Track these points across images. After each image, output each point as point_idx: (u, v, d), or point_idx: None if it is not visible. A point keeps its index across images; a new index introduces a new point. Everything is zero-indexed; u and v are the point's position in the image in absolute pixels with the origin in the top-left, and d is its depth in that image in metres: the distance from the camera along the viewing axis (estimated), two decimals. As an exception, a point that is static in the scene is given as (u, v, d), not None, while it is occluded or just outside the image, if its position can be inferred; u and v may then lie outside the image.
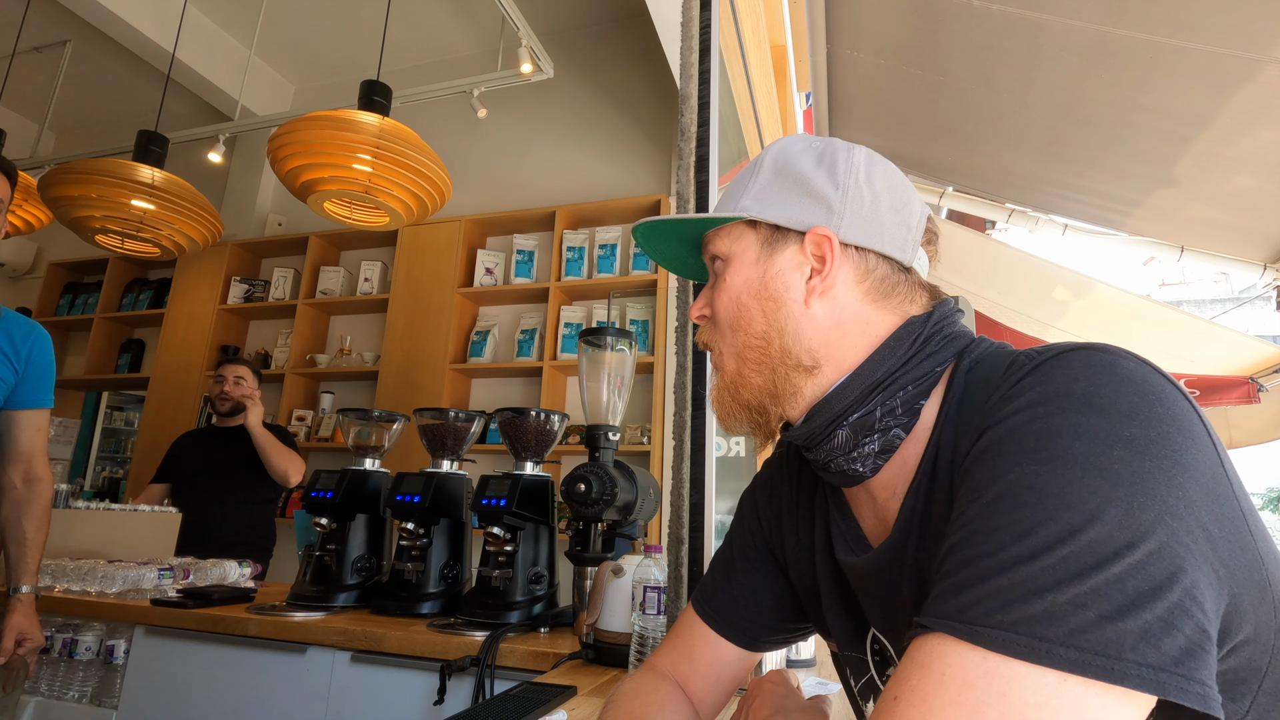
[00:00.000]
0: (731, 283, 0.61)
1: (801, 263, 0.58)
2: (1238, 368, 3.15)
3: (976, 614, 0.37)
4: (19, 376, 1.55)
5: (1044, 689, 0.35)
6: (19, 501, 1.56)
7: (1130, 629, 0.34)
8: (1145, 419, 0.40)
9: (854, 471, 0.57)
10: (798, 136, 0.64)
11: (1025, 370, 0.46)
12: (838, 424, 0.56)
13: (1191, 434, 0.40)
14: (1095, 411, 0.40)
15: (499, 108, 3.72)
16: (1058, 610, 0.35)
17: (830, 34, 2.73)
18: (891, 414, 0.55)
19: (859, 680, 0.65)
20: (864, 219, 0.58)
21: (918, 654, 0.39)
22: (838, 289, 0.58)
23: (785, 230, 0.59)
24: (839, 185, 0.58)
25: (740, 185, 0.63)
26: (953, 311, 0.59)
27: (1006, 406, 0.45)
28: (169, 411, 3.89)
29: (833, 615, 0.65)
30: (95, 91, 4.52)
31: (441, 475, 1.70)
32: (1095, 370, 0.43)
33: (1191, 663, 0.35)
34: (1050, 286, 3.35)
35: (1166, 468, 0.38)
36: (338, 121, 2.04)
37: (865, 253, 0.58)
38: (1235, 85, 2.07)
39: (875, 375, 0.55)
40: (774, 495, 0.72)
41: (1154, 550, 0.36)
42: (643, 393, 3.20)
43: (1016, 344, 0.53)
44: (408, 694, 1.39)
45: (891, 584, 0.55)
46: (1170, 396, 0.41)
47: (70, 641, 1.67)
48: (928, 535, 0.52)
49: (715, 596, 0.73)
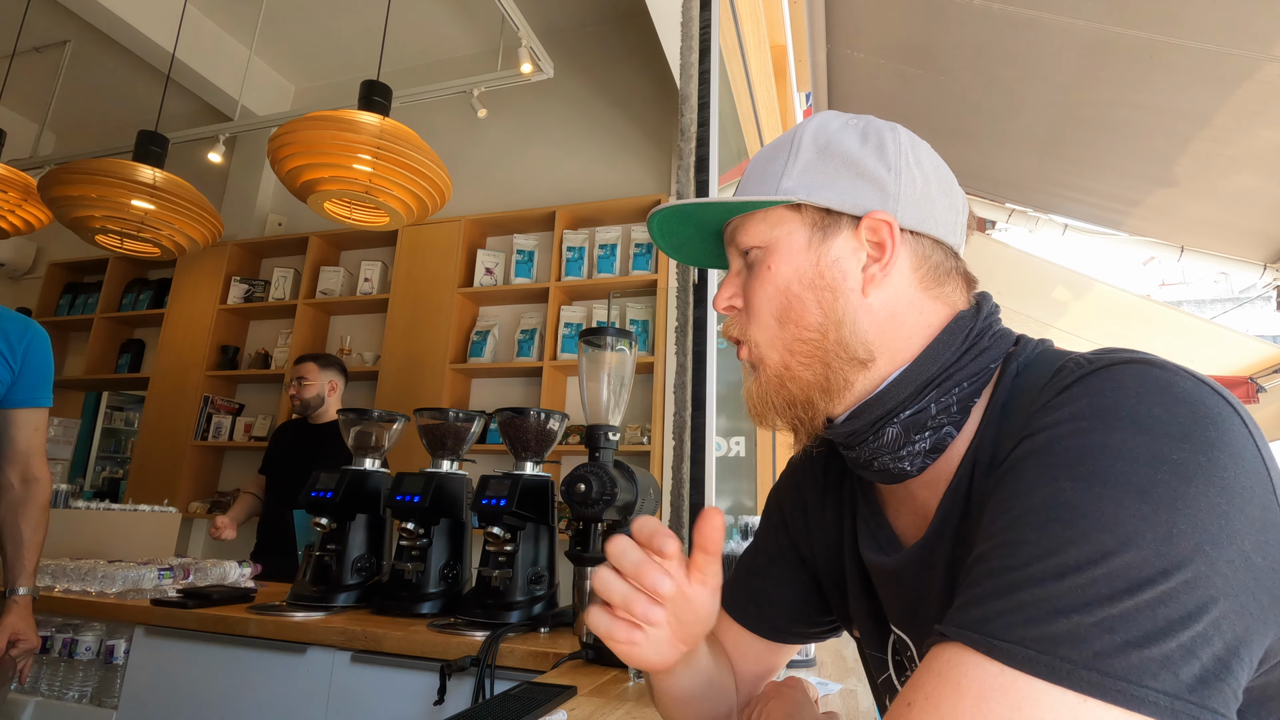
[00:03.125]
0: (779, 271, 0.56)
1: (857, 249, 0.55)
2: (1238, 368, 3.16)
3: (998, 627, 0.37)
4: (15, 375, 1.54)
5: (1061, 709, 0.34)
6: (16, 502, 1.55)
7: (1154, 656, 0.34)
8: (1196, 443, 0.38)
9: (899, 470, 0.55)
10: (832, 114, 0.60)
11: (1072, 379, 0.44)
12: (888, 421, 0.54)
13: (1242, 459, 0.38)
14: (1143, 431, 0.39)
15: (499, 108, 3.71)
16: (1083, 632, 0.35)
17: (830, 34, 2.73)
18: (946, 411, 0.52)
19: (879, 677, 0.65)
20: (918, 202, 0.55)
21: (935, 662, 0.39)
22: (894, 277, 0.55)
23: (836, 215, 0.55)
24: (890, 166, 0.55)
25: (775, 166, 0.58)
26: (996, 308, 0.57)
27: (1049, 416, 0.43)
28: (169, 411, 3.89)
29: (858, 612, 0.64)
30: (95, 91, 4.51)
31: (441, 475, 1.70)
32: (1147, 386, 0.41)
33: (1206, 691, 0.34)
34: (1050, 286, 3.35)
35: (1212, 495, 0.37)
36: (338, 121, 2.04)
37: (921, 238, 0.56)
38: (1235, 84, 2.07)
39: (930, 371, 0.53)
40: (800, 491, 0.72)
41: (1190, 579, 0.35)
42: (643, 393, 3.20)
43: None
44: (408, 694, 1.39)
45: (920, 584, 0.54)
46: (1225, 420, 0.39)
47: (70, 641, 1.67)
48: (961, 538, 0.51)
49: (738, 588, 0.73)
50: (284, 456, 2.65)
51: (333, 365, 2.68)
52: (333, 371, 2.67)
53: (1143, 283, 11.91)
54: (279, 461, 2.67)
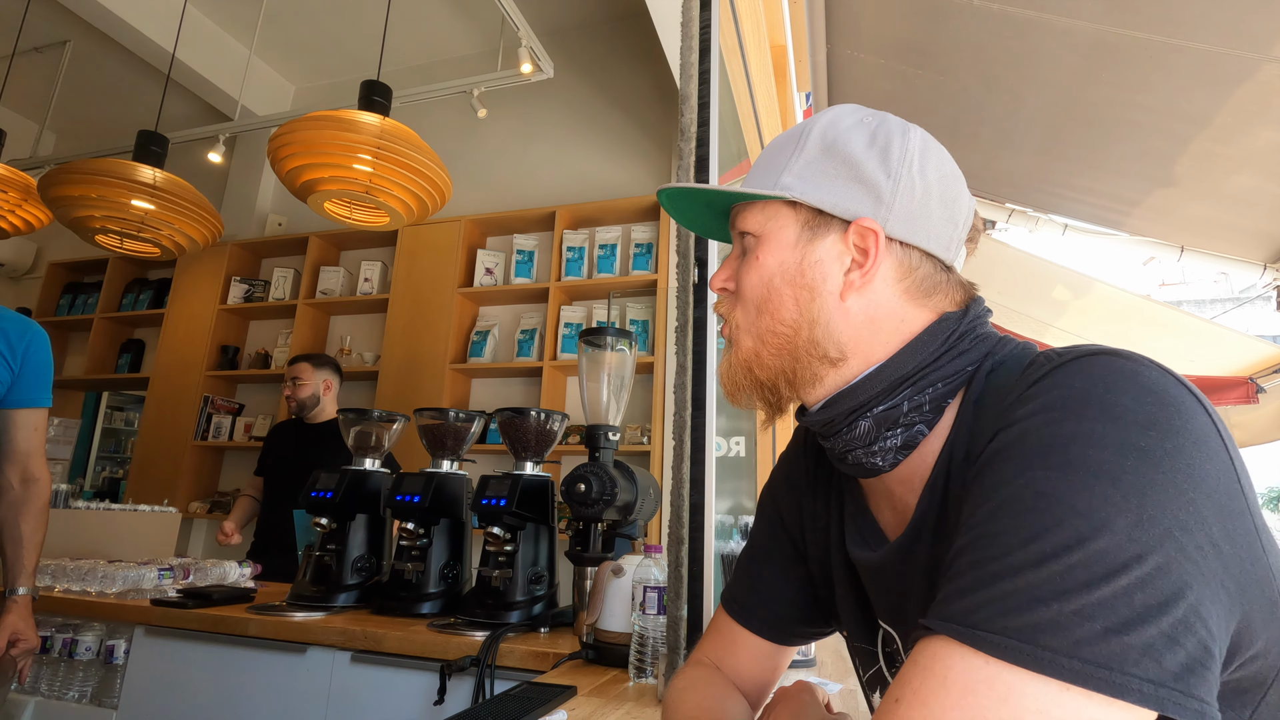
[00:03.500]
0: (765, 262, 0.58)
1: (842, 253, 0.55)
2: (1238, 368, 3.15)
3: (981, 619, 0.37)
4: (15, 375, 1.54)
5: (1045, 698, 0.35)
6: (16, 502, 1.55)
7: (1134, 644, 0.34)
8: (1162, 430, 0.39)
9: (872, 464, 0.55)
10: (850, 108, 0.59)
11: (1043, 372, 0.45)
12: (860, 414, 0.55)
13: (1208, 447, 0.39)
14: (1111, 419, 0.40)
15: (499, 108, 3.71)
16: (1063, 620, 0.35)
17: (830, 34, 2.73)
18: (918, 410, 0.53)
19: (868, 671, 0.65)
20: (913, 213, 0.55)
21: (921, 656, 0.39)
22: (876, 284, 0.55)
23: (828, 215, 0.56)
24: (890, 173, 0.55)
25: (781, 158, 0.59)
26: (985, 311, 0.57)
27: (1021, 409, 0.44)
28: (169, 411, 3.89)
29: (845, 606, 0.64)
30: (95, 91, 4.51)
31: (441, 475, 1.70)
32: (1115, 377, 0.42)
33: (1191, 679, 0.35)
34: (1050, 286, 3.35)
35: (1179, 481, 0.38)
36: (338, 121, 2.04)
37: (909, 249, 0.55)
38: (1235, 85, 2.07)
39: (905, 369, 0.54)
40: (792, 485, 0.72)
41: (1161, 565, 0.36)
42: (643, 393, 3.20)
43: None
44: (408, 694, 1.39)
45: (902, 579, 0.55)
46: (1190, 409, 0.40)
47: (70, 641, 1.67)
48: (941, 532, 0.52)
49: (741, 593, 0.72)
50: (281, 457, 2.64)
51: (327, 365, 2.67)
52: (327, 371, 2.66)
53: (1143, 283, 11.91)
54: (276, 463, 2.66)
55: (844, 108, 0.60)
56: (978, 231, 0.60)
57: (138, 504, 2.35)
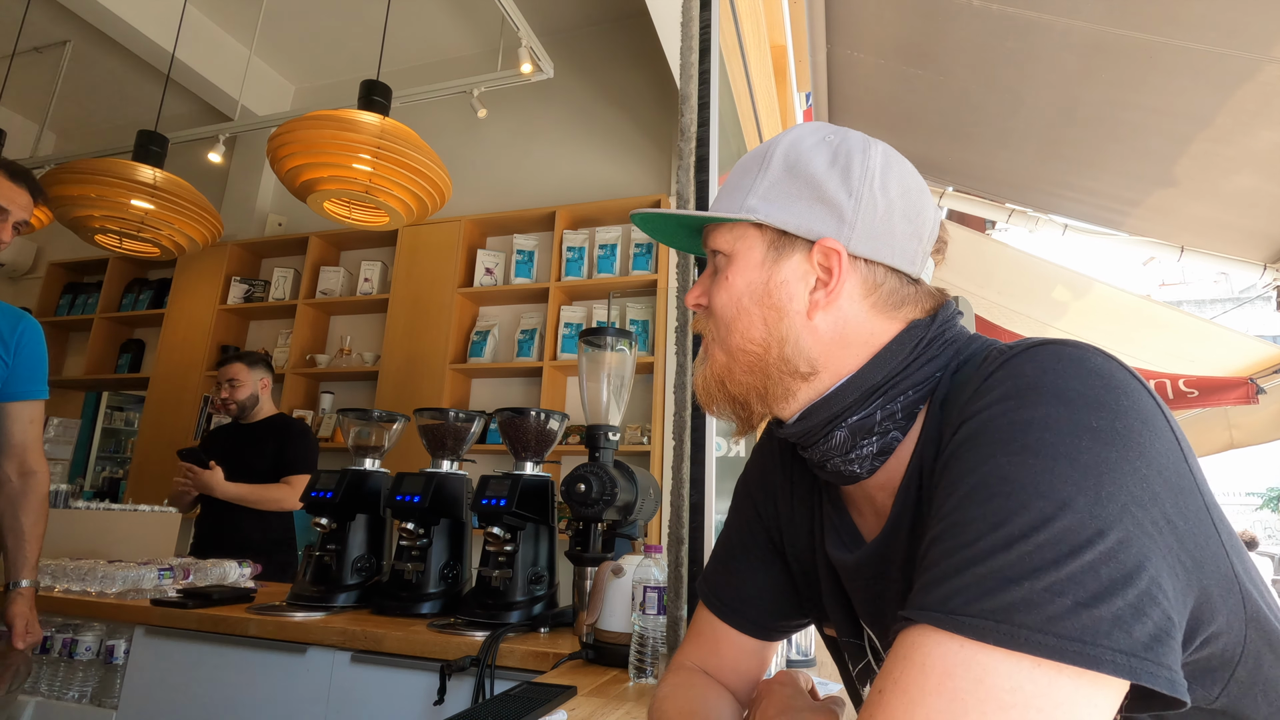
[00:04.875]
0: (734, 282, 0.59)
1: (807, 272, 0.57)
2: (1237, 368, 3.15)
3: (957, 604, 0.38)
4: (10, 368, 1.53)
5: (1018, 674, 0.36)
6: (14, 495, 1.54)
7: (1104, 616, 0.35)
8: (1110, 410, 0.41)
9: (850, 472, 0.57)
10: (812, 127, 0.61)
11: (996, 365, 0.47)
12: (835, 425, 0.56)
13: (1154, 426, 0.41)
14: (1063, 403, 0.42)
15: (499, 108, 3.71)
16: (1035, 597, 0.36)
17: (830, 34, 2.73)
18: (891, 418, 0.55)
19: (857, 665, 0.66)
20: (876, 230, 0.56)
21: (900, 647, 0.40)
22: (842, 301, 0.56)
23: (792, 236, 0.57)
24: (852, 192, 0.56)
25: (747, 179, 0.60)
26: (954, 314, 0.59)
27: (979, 401, 0.46)
28: (169, 411, 3.89)
29: (832, 604, 0.65)
30: (95, 91, 4.51)
31: (441, 475, 1.70)
32: (1062, 364, 0.44)
33: (1160, 648, 0.36)
34: (1050, 286, 3.35)
35: (1132, 458, 0.39)
36: (338, 121, 2.04)
37: (874, 265, 0.57)
38: (1235, 85, 2.07)
39: (875, 379, 0.55)
40: (768, 482, 0.72)
41: (1122, 539, 0.37)
42: (643, 393, 3.20)
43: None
44: (408, 694, 1.39)
45: (880, 579, 0.56)
46: (1134, 390, 0.43)
47: (70, 641, 1.67)
48: (917, 532, 0.52)
49: (721, 589, 0.73)
50: (221, 462, 2.50)
51: (260, 363, 2.62)
52: (261, 369, 2.61)
53: (1143, 283, 11.93)
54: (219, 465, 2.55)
55: (807, 126, 0.61)
56: (944, 243, 0.62)
57: (138, 504, 2.35)
